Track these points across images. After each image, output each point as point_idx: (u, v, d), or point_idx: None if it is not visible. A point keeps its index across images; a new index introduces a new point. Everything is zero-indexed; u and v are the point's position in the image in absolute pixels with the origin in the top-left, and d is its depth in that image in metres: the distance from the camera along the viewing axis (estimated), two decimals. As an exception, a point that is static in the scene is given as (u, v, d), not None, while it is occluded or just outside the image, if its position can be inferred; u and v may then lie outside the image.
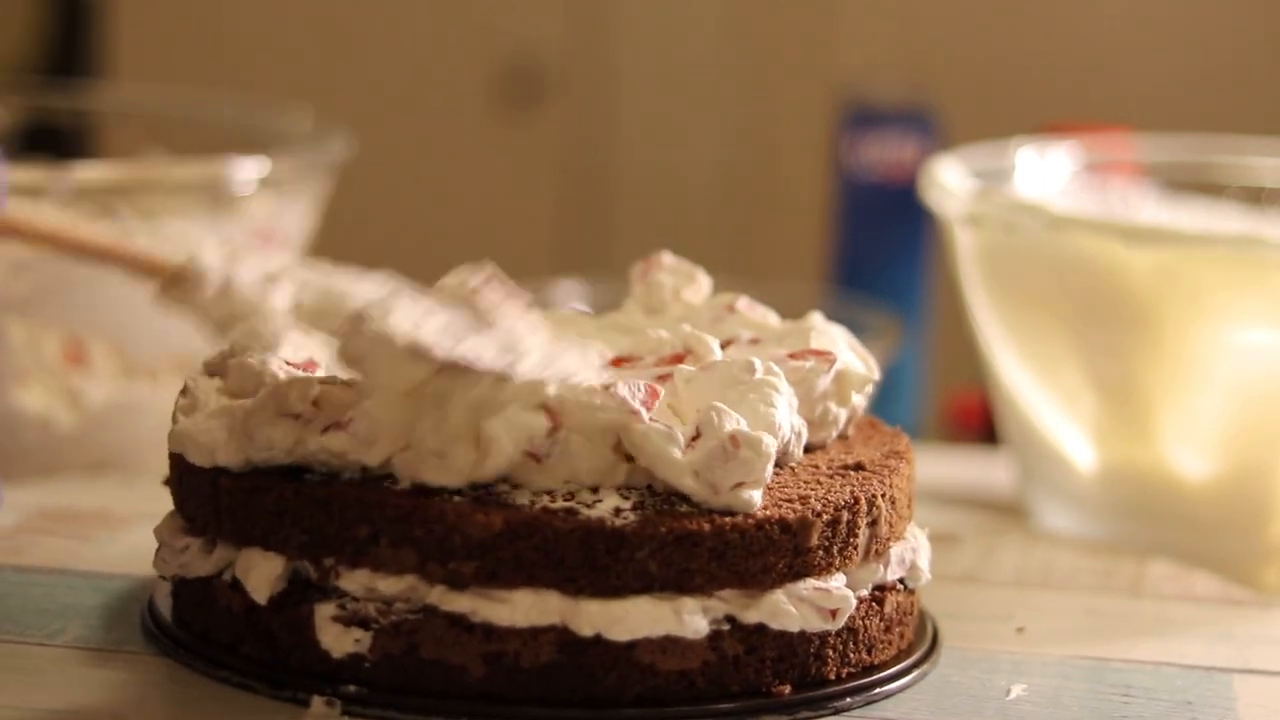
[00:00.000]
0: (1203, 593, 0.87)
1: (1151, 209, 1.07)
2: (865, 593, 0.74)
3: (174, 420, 0.75)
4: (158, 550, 0.75)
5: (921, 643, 0.77)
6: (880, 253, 1.46)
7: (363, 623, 0.69)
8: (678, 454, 0.69)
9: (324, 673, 0.69)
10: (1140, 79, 2.21)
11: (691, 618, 0.69)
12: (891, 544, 0.74)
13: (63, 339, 1.01)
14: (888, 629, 0.74)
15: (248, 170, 1.03)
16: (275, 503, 0.70)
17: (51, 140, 1.26)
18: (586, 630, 0.68)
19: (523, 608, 0.68)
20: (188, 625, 0.74)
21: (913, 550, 0.76)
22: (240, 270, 0.73)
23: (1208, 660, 0.79)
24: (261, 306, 0.72)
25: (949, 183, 1.02)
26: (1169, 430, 0.97)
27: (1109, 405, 0.98)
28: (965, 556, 0.91)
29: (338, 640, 0.69)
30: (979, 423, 1.33)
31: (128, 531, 0.87)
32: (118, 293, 0.99)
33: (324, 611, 0.70)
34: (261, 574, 0.71)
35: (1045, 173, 1.11)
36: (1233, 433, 0.96)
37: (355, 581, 0.70)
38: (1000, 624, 0.81)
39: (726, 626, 0.70)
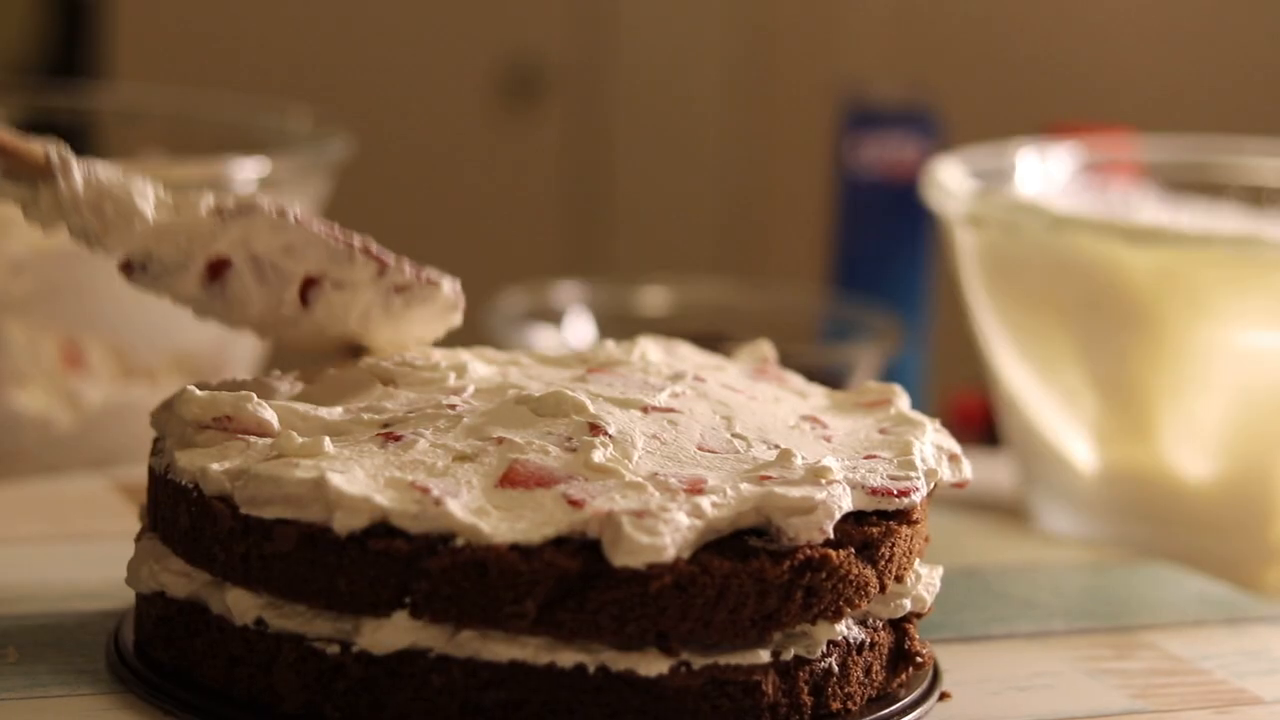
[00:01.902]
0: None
1: (1152, 209, 1.07)
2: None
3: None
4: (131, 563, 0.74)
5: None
6: (880, 253, 1.46)
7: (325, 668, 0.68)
8: None
9: (284, 714, 0.68)
10: (1141, 79, 2.21)
11: None
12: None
13: (60, 340, 1.01)
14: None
15: (248, 170, 1.03)
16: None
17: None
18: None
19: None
20: (149, 650, 0.72)
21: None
22: (95, 163, 0.74)
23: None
24: (132, 186, 0.74)
25: (949, 183, 1.02)
26: (1169, 431, 0.97)
27: (1109, 406, 0.98)
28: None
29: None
30: (979, 423, 1.33)
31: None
32: (116, 293, 0.99)
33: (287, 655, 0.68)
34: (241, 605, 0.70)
35: (1046, 173, 1.10)
36: (1233, 433, 0.96)
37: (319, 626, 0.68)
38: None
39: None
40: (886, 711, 0.71)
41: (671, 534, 0.65)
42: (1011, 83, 2.21)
